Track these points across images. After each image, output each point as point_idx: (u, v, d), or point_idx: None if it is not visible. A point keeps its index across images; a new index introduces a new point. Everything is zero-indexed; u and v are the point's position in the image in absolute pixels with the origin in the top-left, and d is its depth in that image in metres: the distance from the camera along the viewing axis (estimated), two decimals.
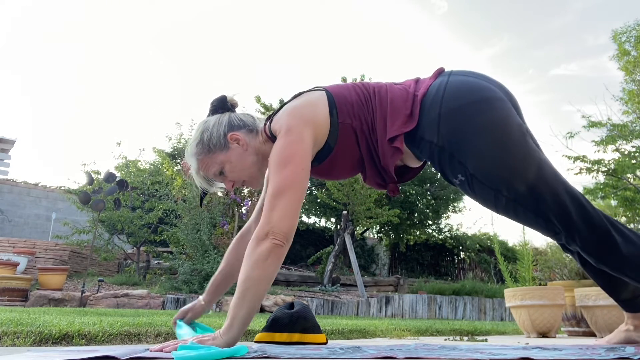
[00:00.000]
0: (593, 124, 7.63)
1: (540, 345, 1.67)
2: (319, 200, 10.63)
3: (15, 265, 6.36)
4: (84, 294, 5.50)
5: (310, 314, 1.75)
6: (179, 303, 5.66)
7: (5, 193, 11.72)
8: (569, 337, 3.17)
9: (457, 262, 14.25)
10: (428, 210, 12.83)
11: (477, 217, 18.42)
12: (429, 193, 12.87)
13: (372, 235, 14.38)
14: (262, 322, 2.19)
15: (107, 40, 23.23)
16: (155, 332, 1.92)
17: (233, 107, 1.54)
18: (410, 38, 25.50)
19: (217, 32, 26.55)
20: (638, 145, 7.45)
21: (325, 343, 1.69)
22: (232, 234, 6.75)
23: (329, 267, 8.77)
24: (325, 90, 1.44)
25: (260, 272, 1.20)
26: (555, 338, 2.89)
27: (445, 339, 2.50)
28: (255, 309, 1.22)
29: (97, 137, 26.78)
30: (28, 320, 1.97)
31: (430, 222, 13.26)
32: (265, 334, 1.68)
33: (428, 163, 1.56)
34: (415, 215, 12.63)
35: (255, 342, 1.67)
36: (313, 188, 11.24)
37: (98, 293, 5.66)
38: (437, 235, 13.39)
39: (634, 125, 7.71)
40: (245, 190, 7.18)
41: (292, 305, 1.78)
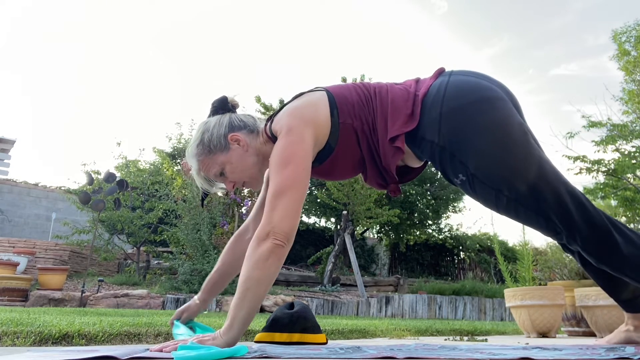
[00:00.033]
0: (593, 124, 7.63)
1: (540, 345, 1.67)
2: (319, 200, 10.63)
3: (15, 265, 6.35)
4: (84, 294, 5.49)
5: (310, 314, 1.74)
6: (179, 303, 5.66)
7: (5, 193, 11.72)
8: (569, 337, 3.17)
9: (457, 262, 14.24)
10: (428, 210, 12.83)
11: (477, 217, 18.46)
12: (429, 193, 12.87)
13: (372, 235, 14.38)
14: (262, 322, 2.19)
15: (107, 40, 23.24)
16: (155, 332, 1.92)
17: (234, 108, 1.54)
18: (410, 38, 25.52)
19: (217, 32, 26.56)
20: (638, 145, 7.45)
21: (325, 343, 1.69)
22: (232, 234, 6.74)
23: (329, 267, 8.77)
24: (326, 91, 1.44)
25: (261, 272, 1.20)
26: (555, 338, 2.89)
27: (445, 339, 2.50)
28: (256, 310, 1.22)
29: (97, 137, 26.80)
30: (28, 320, 1.97)
31: (430, 222, 13.26)
32: (265, 334, 1.68)
33: (429, 163, 1.56)
34: (415, 215, 12.63)
35: (255, 342, 1.67)
36: (313, 188, 11.24)
37: (98, 293, 5.66)
38: (437, 235, 13.39)
39: (634, 125, 7.71)
40: (245, 191, 7.17)
41: (292, 305, 1.78)
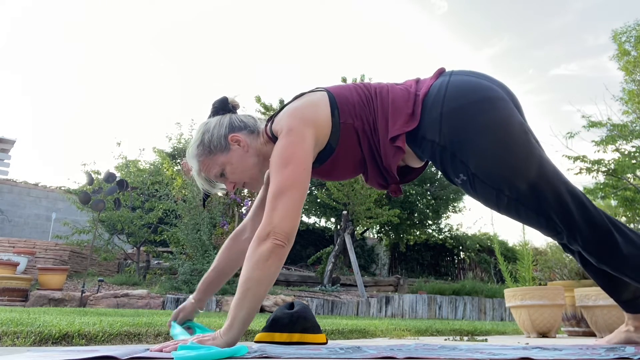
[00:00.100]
0: (593, 124, 7.63)
1: (540, 345, 1.67)
2: (319, 200, 10.63)
3: (15, 265, 6.35)
4: (84, 294, 5.49)
5: (310, 314, 1.74)
6: (179, 303, 5.65)
7: (5, 193, 11.72)
8: (569, 337, 3.17)
9: (457, 262, 14.24)
10: (428, 210, 12.83)
11: (477, 217, 18.48)
12: (429, 193, 12.87)
13: (372, 235, 14.38)
14: (262, 322, 2.19)
15: (107, 41, 23.23)
16: (155, 332, 1.92)
17: (234, 108, 1.54)
18: (410, 38, 25.51)
19: (217, 32, 26.55)
20: (638, 145, 7.44)
21: (325, 343, 1.69)
22: None
23: (329, 267, 8.77)
24: (327, 91, 1.44)
25: (261, 272, 1.20)
26: (555, 338, 2.89)
27: (445, 339, 2.50)
28: (256, 310, 1.22)
29: (97, 137, 26.79)
30: (28, 320, 1.96)
31: (430, 222, 13.26)
32: (265, 334, 1.68)
33: (429, 163, 1.56)
34: (415, 215, 12.63)
35: (255, 342, 1.67)
36: (313, 188, 11.24)
37: (98, 293, 5.66)
38: (437, 235, 13.39)
39: (634, 125, 7.70)
40: (245, 191, 7.17)
41: (292, 305, 1.78)
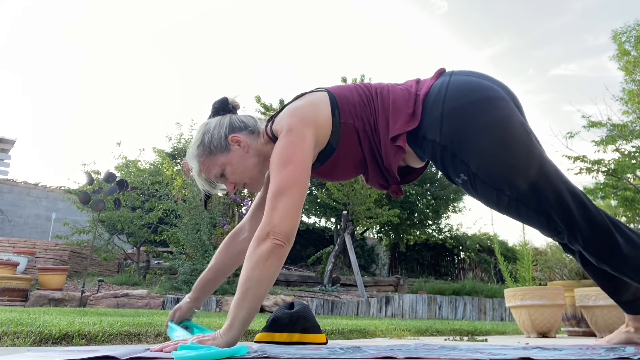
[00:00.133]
0: (593, 124, 7.63)
1: (540, 345, 1.67)
2: (319, 200, 10.63)
3: (15, 265, 6.35)
4: (84, 294, 5.49)
5: (310, 314, 1.74)
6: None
7: (5, 193, 11.72)
8: (569, 337, 3.17)
9: (457, 262, 14.25)
10: (428, 210, 12.83)
11: (477, 217, 18.48)
12: (429, 193, 12.87)
13: (372, 235, 14.38)
14: (262, 322, 2.19)
15: (107, 41, 23.23)
16: (155, 332, 1.92)
17: (234, 108, 1.54)
18: (410, 38, 25.51)
19: (217, 32, 26.55)
20: (638, 145, 7.44)
21: (325, 343, 1.69)
22: None
23: (329, 267, 8.77)
24: (328, 91, 1.44)
25: (261, 272, 1.20)
26: (555, 338, 2.89)
27: (445, 339, 2.50)
28: (256, 310, 1.22)
29: (97, 137, 26.79)
30: (28, 320, 1.96)
31: (430, 222, 13.26)
32: (265, 334, 1.68)
33: (429, 163, 1.56)
34: (415, 215, 12.63)
35: (255, 342, 1.67)
36: (313, 188, 11.24)
37: (98, 293, 5.66)
38: (437, 235, 13.39)
39: (634, 125, 7.70)
40: (245, 191, 7.17)
41: (292, 305, 1.78)
